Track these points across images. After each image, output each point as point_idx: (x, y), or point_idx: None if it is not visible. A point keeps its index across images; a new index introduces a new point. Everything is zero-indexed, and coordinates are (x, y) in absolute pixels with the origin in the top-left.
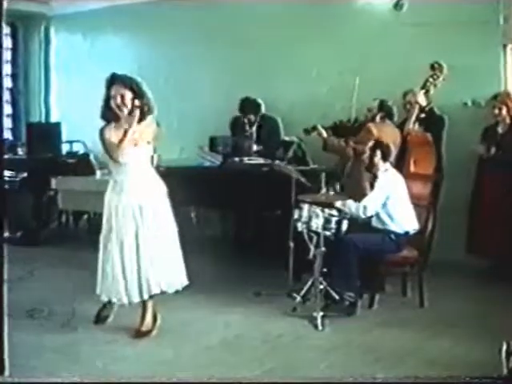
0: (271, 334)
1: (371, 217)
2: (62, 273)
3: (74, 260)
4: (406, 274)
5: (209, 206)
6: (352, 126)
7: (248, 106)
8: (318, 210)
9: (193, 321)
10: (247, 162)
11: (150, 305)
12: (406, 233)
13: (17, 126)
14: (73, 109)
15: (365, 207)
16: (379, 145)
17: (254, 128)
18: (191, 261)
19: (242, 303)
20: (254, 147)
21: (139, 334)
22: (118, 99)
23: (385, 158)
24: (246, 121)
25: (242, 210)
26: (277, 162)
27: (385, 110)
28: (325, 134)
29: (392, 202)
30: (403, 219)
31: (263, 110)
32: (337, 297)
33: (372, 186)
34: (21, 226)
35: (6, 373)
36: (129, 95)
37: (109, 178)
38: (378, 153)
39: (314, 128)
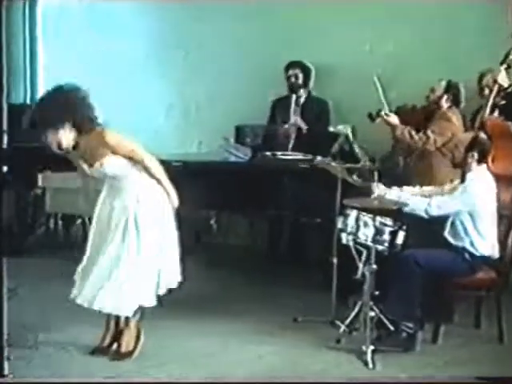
0: (310, 370)
1: (442, 222)
2: (53, 290)
3: (66, 273)
4: (480, 301)
5: (233, 210)
6: (413, 112)
7: (296, 67)
8: (367, 217)
9: (214, 352)
10: (282, 156)
11: (133, 320)
12: (484, 257)
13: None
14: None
15: (430, 204)
16: (479, 143)
17: (299, 110)
18: (210, 277)
19: (275, 332)
20: (292, 137)
21: (118, 356)
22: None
23: (481, 159)
24: (292, 83)
25: (274, 216)
26: (319, 157)
27: (452, 92)
28: (396, 121)
29: (473, 216)
30: (483, 240)
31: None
32: (391, 327)
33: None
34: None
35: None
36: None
37: None
38: (475, 153)
39: (379, 113)
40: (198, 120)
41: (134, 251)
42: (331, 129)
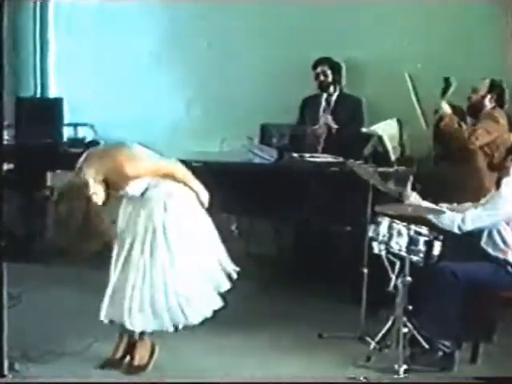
0: None
1: (478, 234)
2: (59, 297)
3: (75, 280)
4: None
5: (256, 215)
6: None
7: (325, 64)
8: (401, 226)
9: (230, 369)
10: (310, 159)
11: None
12: None
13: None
14: (78, 81)
15: (464, 220)
16: None
17: (332, 106)
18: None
19: (300, 348)
20: (322, 138)
21: (132, 369)
22: None
23: None
24: (320, 82)
25: (301, 223)
26: (350, 160)
27: (496, 92)
28: (449, 110)
29: (511, 225)
30: None
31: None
32: (426, 345)
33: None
34: (5, 235)
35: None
36: None
37: None
38: None
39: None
40: (220, 117)
41: (167, 264)
42: (364, 129)
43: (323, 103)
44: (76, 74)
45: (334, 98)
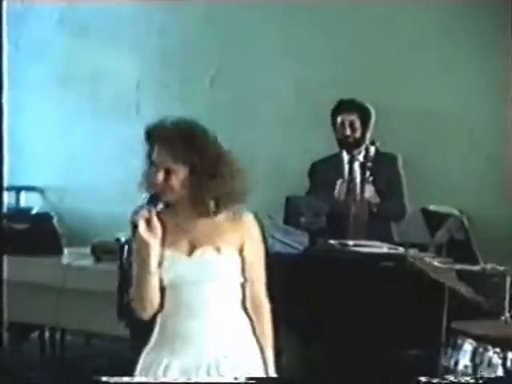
0: None
1: None
2: None
3: None
4: None
5: (280, 324)
6: None
7: (352, 110)
8: (491, 352)
9: None
10: (356, 248)
11: None
12: None
13: None
14: (24, 121)
15: None
16: None
17: (360, 170)
18: None
19: None
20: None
21: None
22: None
23: None
24: (346, 144)
25: (343, 340)
26: (412, 250)
27: None
28: None
29: None
30: None
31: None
32: None
33: None
34: None
35: None
36: None
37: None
38: None
39: None
40: None
41: None
42: (432, 207)
43: (346, 167)
44: (19, 113)
45: (360, 158)
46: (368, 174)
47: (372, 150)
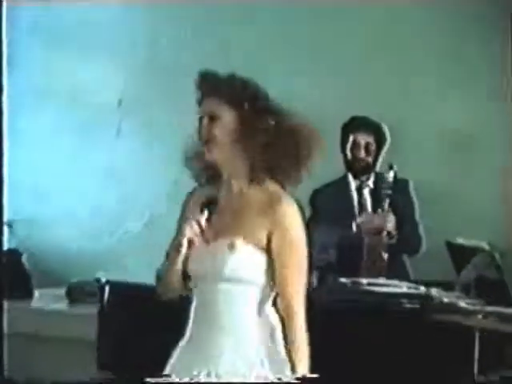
0: None
1: None
2: None
3: None
4: None
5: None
6: None
7: (368, 130)
8: None
9: None
10: (371, 287)
11: None
12: None
13: None
14: None
15: None
16: None
17: (371, 198)
18: None
19: None
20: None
21: None
22: None
23: None
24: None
25: None
26: (435, 290)
27: None
28: None
29: None
30: None
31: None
32: None
33: None
34: None
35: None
36: None
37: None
38: None
39: None
40: None
41: None
42: (460, 241)
43: (355, 194)
44: None
45: (370, 184)
46: (388, 202)
47: (391, 175)
